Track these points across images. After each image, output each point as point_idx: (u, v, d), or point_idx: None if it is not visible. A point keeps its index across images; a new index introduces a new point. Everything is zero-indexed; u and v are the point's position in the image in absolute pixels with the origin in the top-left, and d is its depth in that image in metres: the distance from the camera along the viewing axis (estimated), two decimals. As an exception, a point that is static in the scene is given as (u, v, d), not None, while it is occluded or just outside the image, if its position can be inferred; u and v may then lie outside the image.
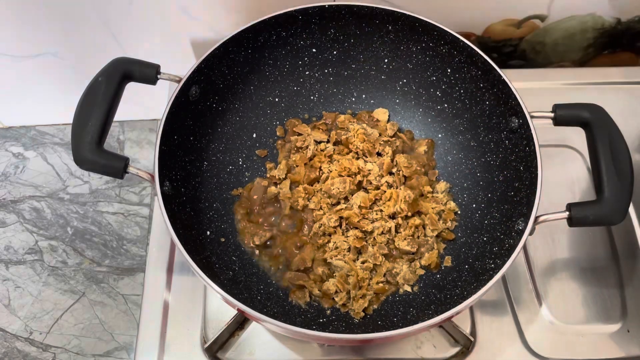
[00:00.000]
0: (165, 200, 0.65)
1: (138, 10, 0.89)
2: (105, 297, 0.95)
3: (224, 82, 0.79)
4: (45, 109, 1.07)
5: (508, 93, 0.72)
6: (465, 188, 0.80)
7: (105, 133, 0.66)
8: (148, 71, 0.70)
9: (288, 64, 0.84)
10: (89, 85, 0.67)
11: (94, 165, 0.64)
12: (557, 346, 0.76)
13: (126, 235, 1.00)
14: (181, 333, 0.76)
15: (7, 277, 0.97)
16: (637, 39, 1.00)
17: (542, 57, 1.02)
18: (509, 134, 0.74)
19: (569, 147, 0.90)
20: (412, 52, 0.81)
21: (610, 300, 0.79)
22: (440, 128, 0.84)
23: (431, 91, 0.83)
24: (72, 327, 0.93)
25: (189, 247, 0.64)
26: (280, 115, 0.86)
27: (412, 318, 0.71)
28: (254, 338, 0.77)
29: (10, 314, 0.94)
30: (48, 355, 0.91)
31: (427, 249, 0.76)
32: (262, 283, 0.74)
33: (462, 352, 0.75)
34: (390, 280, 0.75)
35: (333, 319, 0.72)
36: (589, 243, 0.83)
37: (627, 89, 0.96)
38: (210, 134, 0.80)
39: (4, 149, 1.08)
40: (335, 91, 0.87)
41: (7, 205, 1.03)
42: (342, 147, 0.82)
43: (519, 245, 0.63)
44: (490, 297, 0.79)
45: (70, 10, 0.88)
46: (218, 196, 0.79)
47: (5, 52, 0.95)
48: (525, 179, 0.70)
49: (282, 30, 0.80)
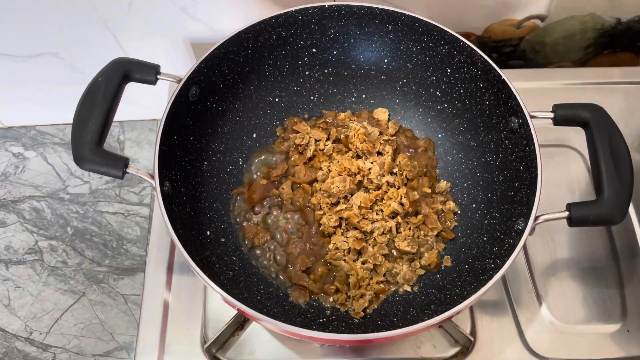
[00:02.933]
0: (165, 200, 0.65)
1: (138, 10, 0.89)
2: (105, 297, 0.95)
3: (224, 82, 0.79)
4: (45, 109, 1.07)
5: (508, 93, 0.72)
6: (465, 188, 0.80)
7: (105, 133, 0.66)
8: (148, 71, 0.70)
9: (288, 64, 0.84)
10: (89, 85, 0.68)
11: (94, 165, 0.64)
12: (557, 346, 0.76)
13: (126, 235, 1.00)
14: (181, 333, 0.76)
15: (7, 277, 0.96)
16: (637, 39, 1.00)
17: (542, 57, 1.02)
18: (509, 134, 0.74)
19: (569, 147, 0.90)
20: (412, 52, 0.81)
21: (610, 300, 0.79)
22: (440, 128, 0.84)
23: (431, 91, 0.83)
24: (72, 327, 0.93)
25: (189, 247, 0.64)
26: (280, 115, 0.86)
27: (412, 318, 0.71)
28: (254, 338, 0.77)
29: (10, 314, 0.94)
30: (48, 355, 0.91)
31: (427, 249, 0.76)
32: (262, 283, 0.74)
33: (462, 352, 0.76)
34: (390, 280, 0.75)
35: (333, 319, 0.72)
36: (589, 243, 0.83)
37: (627, 89, 0.96)
38: (210, 134, 0.80)
39: (4, 149, 1.08)
40: (335, 91, 0.87)
41: (7, 205, 1.03)
42: (342, 146, 0.82)
43: (518, 245, 0.63)
44: (490, 297, 0.79)
45: (70, 10, 0.88)
46: (218, 196, 0.79)
47: (5, 52, 0.95)
48: (525, 178, 0.70)
49: (282, 31, 0.80)
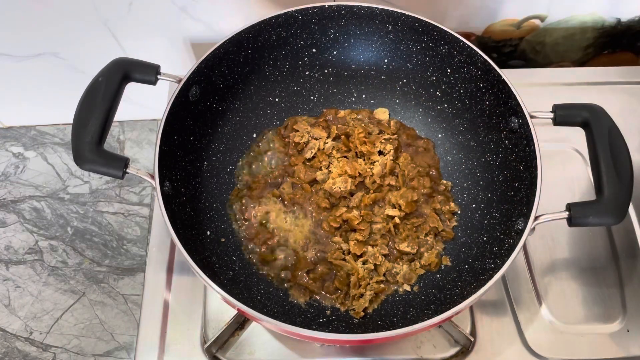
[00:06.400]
0: (165, 200, 0.65)
1: (138, 10, 0.89)
2: (105, 297, 0.95)
3: (224, 82, 0.79)
4: (45, 109, 1.07)
5: (508, 93, 0.72)
6: (465, 188, 0.80)
7: (106, 133, 0.66)
8: (148, 71, 0.70)
9: (288, 64, 0.84)
10: (89, 85, 0.67)
11: (94, 165, 0.64)
12: (557, 346, 0.76)
13: (126, 235, 1.00)
14: (181, 333, 0.76)
15: (7, 277, 0.97)
16: (637, 39, 1.00)
17: (542, 57, 1.02)
18: (509, 134, 0.74)
19: (569, 147, 0.90)
20: (412, 52, 0.81)
21: (610, 300, 0.79)
22: (440, 128, 0.84)
23: (431, 91, 0.83)
24: (72, 327, 0.93)
25: (189, 247, 0.64)
26: (280, 115, 0.86)
27: (412, 318, 0.71)
28: (254, 338, 0.77)
29: (10, 314, 0.94)
30: (48, 355, 0.91)
31: (427, 248, 0.76)
32: (262, 283, 0.74)
33: (462, 352, 0.76)
34: (390, 279, 0.75)
35: (333, 318, 0.72)
36: (589, 243, 0.83)
37: (627, 89, 0.95)
38: (210, 134, 0.80)
39: (4, 149, 1.08)
40: (335, 91, 0.87)
41: (7, 205, 1.03)
42: (342, 145, 0.82)
43: (518, 245, 0.63)
44: (490, 297, 0.79)
45: (70, 10, 0.88)
46: (218, 196, 0.79)
47: (5, 52, 0.95)
48: (525, 178, 0.70)
49: (282, 31, 0.80)
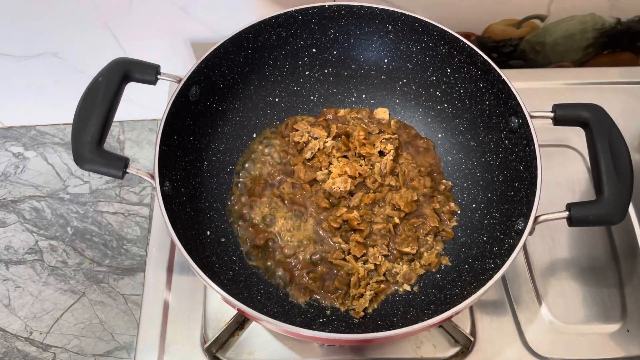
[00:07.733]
0: (165, 200, 0.65)
1: (138, 10, 0.89)
2: (105, 297, 0.95)
3: (224, 82, 0.79)
4: (45, 109, 1.07)
5: (508, 93, 0.72)
6: (465, 188, 0.80)
7: (106, 133, 0.66)
8: (148, 71, 0.70)
9: (288, 64, 0.84)
10: (89, 85, 0.67)
11: (94, 165, 0.64)
12: (557, 346, 0.76)
13: (126, 235, 1.00)
14: (181, 333, 0.76)
15: (7, 277, 0.97)
16: (637, 39, 1.00)
17: (542, 57, 1.02)
18: (508, 134, 0.74)
19: (569, 147, 0.90)
20: (412, 52, 0.81)
21: (610, 300, 0.79)
22: (440, 128, 0.84)
23: (431, 91, 0.83)
24: (72, 327, 0.93)
25: (189, 247, 0.64)
26: (280, 115, 0.86)
27: (412, 318, 0.71)
28: (254, 338, 0.77)
29: (10, 314, 0.94)
30: (48, 355, 0.91)
31: (427, 248, 0.76)
32: (262, 283, 0.74)
33: (462, 352, 0.76)
34: (390, 279, 0.75)
35: (333, 318, 0.72)
36: (589, 243, 0.83)
37: (627, 89, 0.96)
38: (210, 134, 0.80)
39: (4, 149, 1.08)
40: (335, 91, 0.87)
41: (7, 205, 1.03)
42: (342, 145, 0.82)
43: (518, 245, 0.63)
44: (490, 297, 0.79)
45: (70, 10, 0.88)
46: (218, 196, 0.79)
47: (5, 52, 0.95)
48: (525, 178, 0.70)
49: (282, 31, 0.80)
